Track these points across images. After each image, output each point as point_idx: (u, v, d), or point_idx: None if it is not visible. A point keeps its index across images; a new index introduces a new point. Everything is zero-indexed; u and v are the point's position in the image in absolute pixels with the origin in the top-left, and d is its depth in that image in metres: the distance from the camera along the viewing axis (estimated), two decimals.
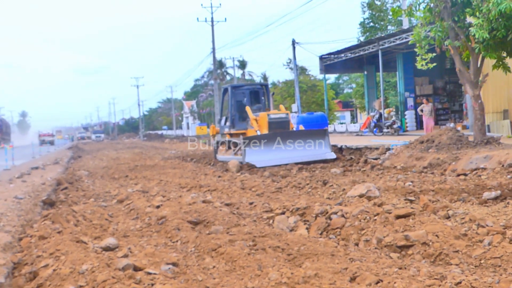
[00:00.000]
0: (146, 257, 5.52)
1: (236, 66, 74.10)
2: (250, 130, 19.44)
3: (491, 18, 14.90)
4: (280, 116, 19.17)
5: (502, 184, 9.15)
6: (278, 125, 18.89)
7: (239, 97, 20.64)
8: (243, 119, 20.22)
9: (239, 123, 20.39)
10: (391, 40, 28.31)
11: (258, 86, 21.61)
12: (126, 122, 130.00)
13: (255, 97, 20.77)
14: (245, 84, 22.10)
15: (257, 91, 21.01)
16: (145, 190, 11.57)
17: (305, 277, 4.57)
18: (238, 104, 20.51)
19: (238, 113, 20.47)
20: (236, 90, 21.01)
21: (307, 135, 18.39)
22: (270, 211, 8.17)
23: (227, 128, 20.85)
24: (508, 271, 4.79)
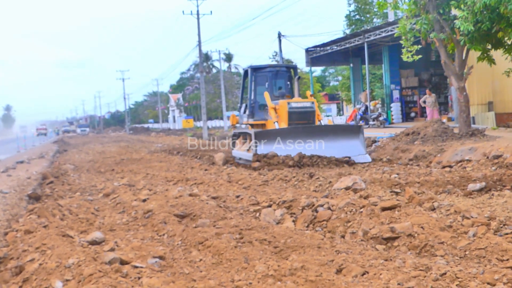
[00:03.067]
0: (132, 250, 5.50)
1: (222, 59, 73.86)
2: (270, 121, 16.39)
3: (476, 10, 14.99)
4: (304, 106, 15.84)
5: (486, 175, 9.24)
6: (301, 116, 15.65)
7: (260, 81, 17.65)
8: (264, 107, 17.09)
9: (259, 112, 17.36)
10: (377, 33, 28.38)
11: (283, 68, 18.29)
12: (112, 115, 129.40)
13: (279, 81, 17.76)
14: (268, 65, 18.35)
15: (282, 74, 17.87)
16: (131, 184, 11.52)
17: (291, 269, 4.59)
18: (258, 89, 17.55)
19: (259, 100, 17.45)
20: (257, 72, 17.72)
21: (337, 131, 15.32)
22: (257, 204, 8.17)
23: (246, 118, 17.79)
24: (493, 262, 4.84)
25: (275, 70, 17.87)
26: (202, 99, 42.93)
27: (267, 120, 16.66)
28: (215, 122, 77.18)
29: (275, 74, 17.67)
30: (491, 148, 13.31)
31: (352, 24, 51.93)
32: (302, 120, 15.59)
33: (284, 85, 17.63)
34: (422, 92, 32.85)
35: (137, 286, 4.41)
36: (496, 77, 22.99)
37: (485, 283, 4.13)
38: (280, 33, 38.39)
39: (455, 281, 4.18)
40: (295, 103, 15.79)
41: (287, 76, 17.80)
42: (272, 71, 17.75)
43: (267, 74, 17.58)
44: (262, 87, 17.41)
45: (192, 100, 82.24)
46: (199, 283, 4.54)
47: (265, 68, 17.89)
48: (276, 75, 17.67)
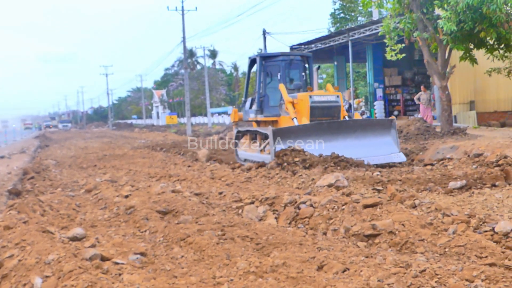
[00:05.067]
0: (113, 247, 5.47)
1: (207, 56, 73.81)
2: (284, 117, 14.49)
3: (459, 10, 15.14)
4: (328, 99, 13.95)
5: (467, 174, 9.32)
6: (325, 111, 13.83)
7: (271, 72, 15.54)
8: (275, 101, 15.18)
9: (269, 108, 15.33)
10: (361, 31, 28.48)
11: (297, 57, 15.87)
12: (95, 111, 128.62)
13: (293, 72, 15.64)
14: (280, 53, 16.13)
15: (296, 64, 15.68)
16: (113, 180, 11.47)
17: (273, 266, 4.60)
18: (269, 81, 15.57)
19: (269, 94, 15.44)
20: (267, 61, 15.61)
21: (367, 127, 13.56)
22: (240, 201, 8.17)
23: (253, 114, 15.71)
24: (472, 259, 4.89)
25: (288, 59, 15.60)
26: (186, 95, 42.80)
27: (280, 117, 14.76)
28: (199, 119, 77.02)
29: (289, 63, 15.48)
30: (472, 147, 13.44)
31: (336, 22, 52.10)
32: (326, 116, 13.75)
33: (299, 76, 15.56)
34: (405, 90, 33.10)
35: (117, 282, 4.39)
36: (478, 76, 23.25)
37: (463, 280, 4.17)
38: (265, 30, 38.35)
39: (434, 277, 4.22)
40: (318, 96, 13.95)
41: (302, 66, 15.74)
42: (285, 60, 15.52)
43: (280, 63, 15.41)
44: (273, 79, 15.46)
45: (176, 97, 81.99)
46: (180, 279, 4.53)
47: (277, 57, 15.71)
48: (289, 65, 15.49)
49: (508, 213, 6.61)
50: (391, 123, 13.52)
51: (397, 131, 13.54)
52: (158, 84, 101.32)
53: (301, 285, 4.23)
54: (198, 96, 75.10)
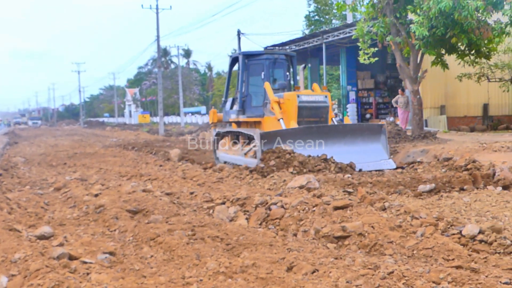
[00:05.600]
0: (82, 246, 5.41)
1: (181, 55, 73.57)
2: (268, 117, 13.86)
3: (431, 16, 15.36)
4: (316, 99, 13.46)
5: (436, 177, 9.44)
6: (313, 112, 13.33)
7: (254, 70, 14.89)
8: (258, 101, 14.58)
9: (251, 108, 14.69)
10: (335, 34, 28.69)
11: (282, 56, 15.23)
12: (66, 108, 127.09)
13: (277, 71, 15.02)
14: (264, 52, 15.73)
15: (281, 63, 15.07)
16: (83, 178, 11.34)
17: (242, 267, 4.59)
18: (252, 80, 14.91)
19: (252, 93, 14.85)
20: (250, 60, 14.97)
21: (356, 132, 12.95)
22: (211, 201, 8.15)
23: (235, 114, 15.05)
24: (439, 261, 4.95)
25: (272, 58, 14.96)
26: (159, 94, 42.56)
27: (264, 117, 14.14)
28: (172, 118, 76.69)
29: (273, 62, 14.84)
30: (442, 151, 13.65)
31: (311, 24, 52.41)
32: (313, 117, 13.29)
33: (283, 76, 15.01)
34: (378, 94, 33.44)
35: (85, 282, 4.34)
36: (449, 81, 23.61)
37: (430, 282, 4.22)
38: (239, 31, 38.42)
39: (402, 279, 4.27)
40: (306, 96, 13.40)
41: (286, 65, 15.17)
42: (269, 58, 14.88)
43: (263, 62, 14.78)
44: (256, 78, 14.79)
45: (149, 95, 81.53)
46: (149, 279, 4.49)
47: (261, 55, 15.13)
48: (274, 64, 14.86)
49: (475, 217, 6.71)
50: (381, 129, 13.04)
51: (387, 138, 13.16)
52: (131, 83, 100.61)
53: (270, 285, 4.24)
54: (172, 96, 74.80)
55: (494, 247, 5.31)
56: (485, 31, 15.81)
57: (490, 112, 25.43)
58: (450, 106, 24.88)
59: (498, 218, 6.65)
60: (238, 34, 38.39)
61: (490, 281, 4.18)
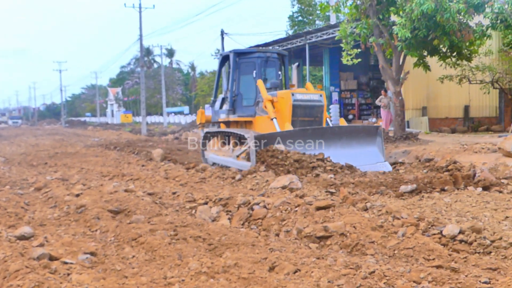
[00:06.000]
0: (63, 246, 5.37)
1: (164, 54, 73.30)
2: (260, 117, 13.47)
3: (414, 18, 15.46)
4: (311, 98, 13.02)
5: (418, 178, 9.51)
6: (307, 111, 12.93)
7: (246, 69, 14.47)
8: (249, 100, 14.18)
9: (242, 107, 14.30)
10: (319, 35, 28.76)
11: (274, 55, 14.78)
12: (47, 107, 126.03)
13: (269, 70, 14.64)
14: (255, 50, 15.18)
15: (273, 62, 14.69)
16: (64, 178, 11.24)
17: (224, 267, 4.59)
18: (243, 79, 14.50)
19: (243, 92, 14.41)
20: (242, 58, 14.55)
21: (352, 135, 12.56)
22: (193, 201, 8.13)
23: (224, 114, 14.60)
24: (420, 261, 4.99)
25: (265, 56, 14.49)
26: (142, 94, 42.35)
27: (255, 117, 13.73)
28: (154, 118, 76.34)
29: (265, 61, 14.45)
30: (423, 152, 13.76)
31: (294, 25, 52.52)
32: (308, 116, 12.91)
33: (275, 75, 14.64)
34: (361, 95, 33.61)
35: (65, 282, 4.30)
36: (431, 83, 23.79)
37: (411, 281, 4.25)
38: (223, 31, 38.39)
39: (383, 279, 4.29)
40: (301, 94, 12.96)
41: (278, 64, 14.80)
42: (261, 57, 14.43)
43: (255, 60, 14.37)
44: (247, 76, 14.37)
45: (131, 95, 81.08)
46: (131, 279, 4.47)
47: (253, 54, 14.66)
48: (265, 63, 14.47)
49: (456, 217, 6.78)
50: (377, 131, 12.72)
51: (383, 140, 12.85)
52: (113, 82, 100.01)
53: (252, 285, 4.24)
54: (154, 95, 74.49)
55: (474, 247, 5.37)
56: (466, 33, 15.97)
57: (471, 114, 25.68)
58: (432, 108, 25.07)
59: (478, 218, 6.72)
60: (222, 34, 38.37)
61: (470, 281, 4.22)
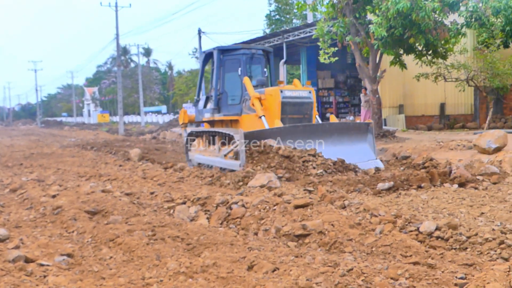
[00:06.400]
0: (39, 248, 5.30)
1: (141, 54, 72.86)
2: (247, 115, 13.11)
3: (390, 16, 15.58)
4: (301, 95, 12.71)
5: (395, 175, 9.58)
6: (296, 108, 12.63)
7: (231, 66, 14.10)
8: (234, 99, 13.85)
9: (227, 106, 13.93)
10: (296, 34, 28.84)
11: (259, 52, 14.42)
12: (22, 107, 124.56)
13: (255, 67, 14.28)
14: (240, 47, 14.96)
15: (258, 59, 14.33)
16: (40, 179, 11.11)
17: (203, 266, 4.58)
18: (228, 77, 14.10)
19: (228, 91, 14.02)
20: (226, 55, 14.18)
21: (343, 131, 12.20)
22: (171, 201, 8.10)
23: (209, 113, 14.23)
24: (397, 258, 5.03)
25: (250, 53, 14.13)
26: (119, 93, 42.07)
27: (242, 115, 13.35)
28: (131, 118, 75.91)
29: (250, 58, 14.07)
30: (400, 149, 13.89)
31: (272, 24, 52.62)
32: (297, 114, 12.60)
33: (261, 72, 14.29)
34: (338, 93, 33.80)
35: (42, 284, 4.25)
36: (407, 81, 23.99)
37: (388, 278, 4.29)
38: (200, 30, 38.28)
39: (361, 276, 4.32)
40: (290, 91, 12.61)
41: (264, 61, 14.48)
42: (246, 54, 14.06)
43: (240, 57, 13.97)
44: (232, 74, 14.01)
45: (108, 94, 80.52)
46: (108, 281, 4.44)
47: (238, 50, 14.31)
48: (251, 60, 14.09)
49: (433, 214, 6.84)
50: (368, 127, 12.35)
51: (374, 137, 12.52)
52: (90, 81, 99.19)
53: (231, 285, 4.24)
54: (132, 95, 74.07)
55: (450, 243, 5.43)
56: (441, 31, 16.15)
57: (447, 111, 25.96)
58: (408, 106, 25.30)
59: (454, 214, 6.79)
60: (199, 33, 38.25)
61: (446, 277, 4.27)
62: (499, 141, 11.48)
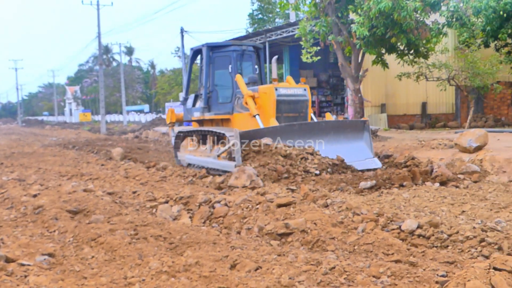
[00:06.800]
0: (20, 248, 5.25)
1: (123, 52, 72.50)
2: (239, 114, 12.81)
3: (372, 16, 15.66)
4: (296, 93, 12.37)
5: (377, 174, 9.64)
6: (292, 106, 12.26)
7: (221, 63, 13.69)
8: (225, 97, 13.48)
9: (218, 104, 13.54)
10: (278, 33, 28.88)
11: (250, 48, 13.98)
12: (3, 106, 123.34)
13: (245, 64, 13.90)
14: (231, 43, 14.41)
15: (249, 55, 13.92)
16: (21, 179, 10.99)
17: (185, 265, 4.57)
18: (218, 74, 13.72)
19: (218, 89, 13.66)
20: (215, 52, 13.73)
21: (339, 130, 11.81)
22: (154, 200, 8.06)
23: (198, 112, 13.76)
24: (379, 256, 5.06)
25: (240, 49, 13.71)
26: (101, 92, 41.79)
27: (233, 114, 13.00)
28: (114, 117, 75.47)
29: (241, 55, 13.67)
30: (383, 148, 13.96)
31: (254, 23, 52.62)
32: (293, 112, 12.24)
33: (252, 69, 13.86)
34: (321, 92, 33.88)
35: (23, 284, 4.21)
36: (389, 80, 24.13)
37: (370, 276, 4.31)
38: (182, 29, 38.18)
39: (343, 274, 4.34)
40: (285, 89, 12.21)
41: (254, 58, 14.04)
42: (237, 50, 13.63)
43: (231, 54, 13.56)
44: (222, 71, 13.61)
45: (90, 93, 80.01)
46: (90, 280, 4.41)
47: (228, 47, 13.81)
48: (241, 57, 13.69)
49: (414, 212, 6.89)
50: (364, 125, 12.03)
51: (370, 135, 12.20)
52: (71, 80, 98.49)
53: (214, 284, 4.23)
54: (114, 94, 73.68)
55: (432, 241, 5.47)
56: (423, 31, 16.27)
57: (428, 111, 26.17)
58: (390, 105, 25.45)
59: (435, 213, 6.86)
60: (181, 32, 38.14)
61: (428, 274, 4.31)
62: (479, 140, 11.59)
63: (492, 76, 20.18)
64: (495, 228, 5.61)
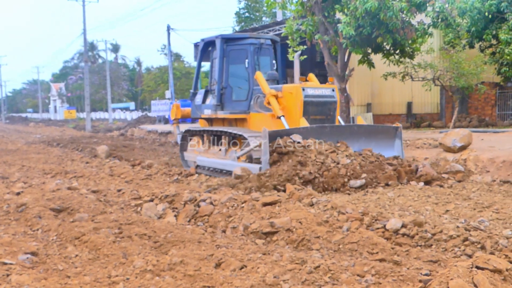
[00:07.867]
0: (2, 246, 5.20)
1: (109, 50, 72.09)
2: (258, 114, 11.73)
3: (358, 15, 15.69)
4: (324, 93, 11.31)
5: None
6: (319, 108, 11.25)
7: (236, 58, 12.53)
8: (240, 95, 12.39)
9: (232, 102, 12.42)
10: (265, 31, 28.85)
11: (267, 41, 12.80)
12: None
13: (263, 59, 12.72)
14: (247, 35, 13.04)
15: (267, 50, 12.78)
16: (4, 176, 10.90)
17: (170, 264, 4.55)
18: (232, 69, 12.58)
19: (232, 85, 12.53)
20: (230, 44, 12.59)
21: (371, 134, 11.06)
22: (139, 198, 8.03)
23: (210, 110, 12.61)
24: (364, 255, 5.08)
25: (258, 43, 12.45)
26: (86, 89, 41.50)
27: (250, 114, 11.97)
28: (99, 114, 75.07)
29: (258, 48, 12.45)
30: None
31: (241, 21, 52.58)
32: (320, 114, 11.25)
33: (270, 64, 12.87)
34: None
35: (4, 283, 4.17)
36: (375, 80, 24.20)
37: (355, 275, 4.33)
38: (169, 26, 38.03)
39: (328, 273, 4.35)
40: (312, 89, 11.20)
41: (272, 52, 13.01)
42: (254, 44, 12.41)
43: (248, 48, 12.39)
44: (238, 66, 12.56)
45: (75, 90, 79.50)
46: (74, 279, 4.37)
47: (245, 39, 12.61)
48: (259, 50, 12.48)
49: (399, 211, 6.93)
50: (397, 132, 11.26)
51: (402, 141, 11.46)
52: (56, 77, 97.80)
53: (198, 282, 4.22)
54: (99, 91, 73.29)
55: (416, 240, 5.50)
56: (409, 31, 16.32)
57: (414, 110, 26.29)
58: (376, 104, 25.53)
59: (420, 212, 6.90)
60: (168, 30, 37.99)
61: (411, 273, 4.33)
62: (464, 140, 11.68)
63: (477, 77, 20.30)
64: (478, 228, 5.66)
